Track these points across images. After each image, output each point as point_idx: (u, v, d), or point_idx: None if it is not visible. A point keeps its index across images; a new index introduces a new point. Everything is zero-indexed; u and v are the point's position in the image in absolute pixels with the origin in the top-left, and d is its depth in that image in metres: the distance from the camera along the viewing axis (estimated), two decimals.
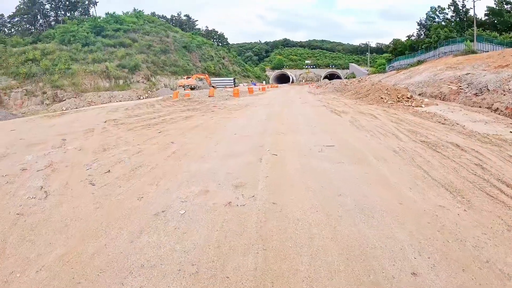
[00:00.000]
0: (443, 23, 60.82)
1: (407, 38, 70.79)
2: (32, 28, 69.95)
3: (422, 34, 66.73)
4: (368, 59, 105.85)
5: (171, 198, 4.96)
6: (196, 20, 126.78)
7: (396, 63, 63.71)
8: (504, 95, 13.64)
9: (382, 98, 18.25)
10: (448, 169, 5.94)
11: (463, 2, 58.28)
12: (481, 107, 14.25)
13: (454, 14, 60.99)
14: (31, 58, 41.43)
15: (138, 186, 5.60)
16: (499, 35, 47.17)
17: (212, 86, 50.88)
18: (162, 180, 5.86)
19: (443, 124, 10.69)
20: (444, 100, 18.12)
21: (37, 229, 4.27)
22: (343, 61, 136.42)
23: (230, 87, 53.10)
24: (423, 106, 15.66)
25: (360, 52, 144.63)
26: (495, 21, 54.31)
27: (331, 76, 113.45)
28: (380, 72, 67.12)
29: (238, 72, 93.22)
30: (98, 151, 8.51)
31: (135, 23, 68.40)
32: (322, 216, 4.18)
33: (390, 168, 6.12)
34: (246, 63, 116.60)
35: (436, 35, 54.04)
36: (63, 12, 73.27)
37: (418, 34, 69.00)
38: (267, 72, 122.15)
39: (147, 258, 3.42)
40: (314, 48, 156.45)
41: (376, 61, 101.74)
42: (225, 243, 3.63)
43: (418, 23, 68.97)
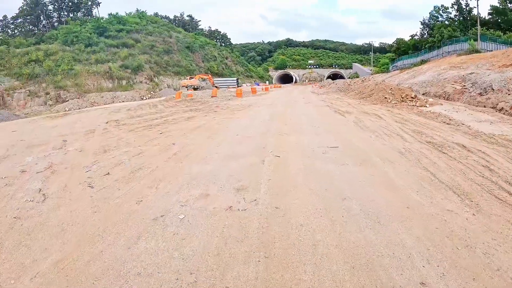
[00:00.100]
0: (446, 22, 60.45)
1: (411, 37, 70.55)
2: (35, 29, 70.20)
3: (425, 34, 66.37)
4: (372, 58, 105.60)
5: (171, 202, 4.83)
6: (199, 21, 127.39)
7: (399, 63, 63.40)
8: (509, 94, 13.46)
9: (386, 98, 18.08)
10: (455, 171, 5.78)
11: (467, 1, 58.02)
12: (485, 106, 14.07)
13: (458, 13, 60.66)
14: (34, 59, 41.48)
15: (138, 189, 5.48)
16: (503, 34, 46.88)
17: (215, 87, 50.85)
18: (162, 182, 5.74)
19: (448, 124, 10.53)
20: (448, 100, 17.94)
21: (33, 233, 4.17)
22: (346, 61, 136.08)
23: (233, 87, 52.99)
24: (427, 106, 15.49)
25: (363, 52, 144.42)
26: (499, 20, 54.01)
27: (334, 76, 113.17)
28: (383, 72, 66.79)
29: (241, 72, 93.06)
30: (98, 152, 8.41)
31: (138, 23, 68.42)
32: (327, 222, 4.03)
33: (396, 170, 5.97)
34: (249, 63, 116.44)
35: (439, 35, 53.69)
36: (66, 13, 73.43)
37: (421, 33, 68.69)
38: (270, 72, 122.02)
39: (144, 265, 3.29)
40: (317, 48, 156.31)
41: (380, 60, 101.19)
42: (225, 250, 3.49)
43: (421, 23, 68.67)
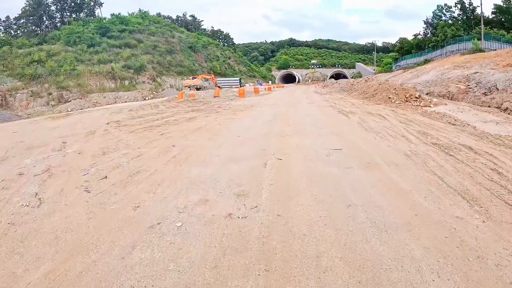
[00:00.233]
0: (450, 21, 60.11)
1: (414, 37, 70.22)
2: (38, 29, 70.47)
3: (428, 33, 65.97)
4: (375, 58, 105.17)
5: (168, 208, 4.65)
6: (201, 21, 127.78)
7: (402, 62, 63.09)
8: None
9: (389, 98, 17.87)
10: (463, 174, 5.58)
11: (470, 0, 57.69)
12: (490, 106, 13.86)
13: (461, 13, 60.24)
14: (36, 60, 41.60)
15: (135, 193, 5.31)
16: (507, 33, 46.55)
17: (218, 87, 50.76)
18: (160, 187, 5.57)
19: (454, 125, 10.33)
20: (452, 100, 17.72)
21: (27, 240, 4.02)
22: (349, 60, 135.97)
23: (236, 87, 52.87)
24: (431, 106, 15.27)
25: (366, 52, 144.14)
26: (503, 19, 53.66)
27: (337, 76, 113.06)
28: (386, 71, 66.55)
29: (244, 72, 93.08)
30: (97, 154, 8.27)
31: (141, 23, 68.54)
32: (331, 231, 3.83)
33: (402, 174, 5.77)
34: (252, 63, 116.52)
35: (443, 34, 53.31)
36: (68, 14, 73.69)
37: (424, 32, 68.26)
38: (273, 72, 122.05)
39: (138, 278, 3.11)
40: (320, 48, 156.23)
41: (383, 60, 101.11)
42: (223, 262, 3.30)
43: (424, 22, 68.26)
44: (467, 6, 58.59)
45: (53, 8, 72.21)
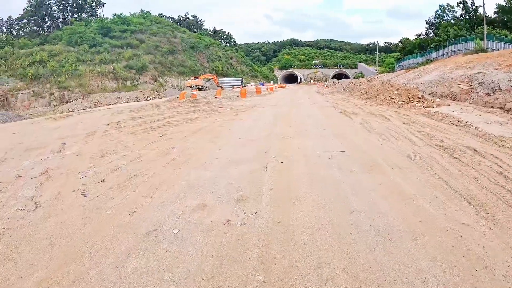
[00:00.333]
0: (452, 21, 59.74)
1: (416, 37, 69.78)
2: (40, 29, 70.62)
3: (431, 33, 65.64)
4: (377, 58, 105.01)
5: (165, 214, 4.53)
6: (203, 21, 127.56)
7: (405, 62, 62.73)
8: None
9: (392, 98, 17.71)
10: (469, 178, 5.44)
11: (473, 0, 57.33)
12: (493, 107, 13.70)
13: (464, 12, 59.91)
14: (38, 60, 41.68)
15: (132, 198, 5.19)
16: (510, 33, 46.24)
17: (220, 87, 50.64)
18: (158, 191, 5.44)
19: (457, 126, 10.19)
20: (455, 100, 17.55)
21: (21, 246, 3.91)
22: (351, 60, 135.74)
23: (238, 88, 52.78)
24: (434, 106, 15.12)
25: (368, 52, 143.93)
26: (505, 19, 53.35)
27: (339, 76, 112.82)
28: (388, 72, 66.18)
29: (246, 72, 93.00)
30: (96, 156, 8.16)
31: (142, 24, 68.59)
32: (333, 240, 3.68)
33: (406, 178, 5.63)
34: (254, 63, 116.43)
35: (445, 34, 52.96)
36: (70, 14, 73.83)
37: (427, 32, 67.91)
38: (275, 72, 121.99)
39: None
40: (322, 48, 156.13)
41: (385, 60, 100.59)
42: (220, 273, 3.17)
43: (426, 22, 67.87)
44: (470, 6, 58.28)
45: (55, 8, 72.44)
